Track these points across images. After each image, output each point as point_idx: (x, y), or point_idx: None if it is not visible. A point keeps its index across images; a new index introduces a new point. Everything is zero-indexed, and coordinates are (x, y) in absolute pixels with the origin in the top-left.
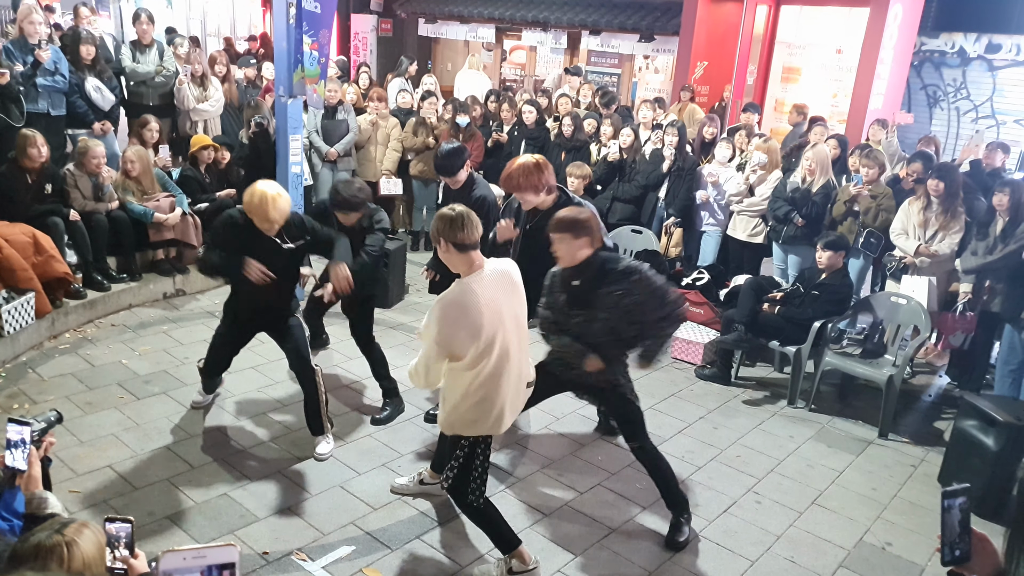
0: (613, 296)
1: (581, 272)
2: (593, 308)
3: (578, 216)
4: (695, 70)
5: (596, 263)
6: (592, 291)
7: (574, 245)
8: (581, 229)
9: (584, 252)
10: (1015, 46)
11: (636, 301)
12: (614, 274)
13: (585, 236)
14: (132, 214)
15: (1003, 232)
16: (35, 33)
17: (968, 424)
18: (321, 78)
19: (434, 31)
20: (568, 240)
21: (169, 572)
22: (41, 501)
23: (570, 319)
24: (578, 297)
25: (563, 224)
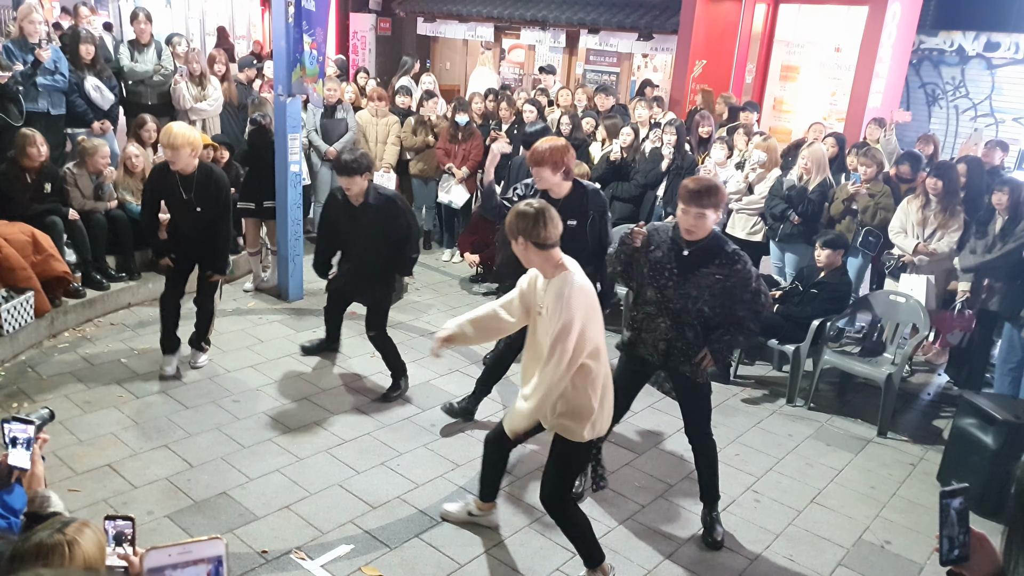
0: (711, 277)
1: (695, 243)
2: (688, 283)
3: (720, 189)
4: (694, 69)
5: (710, 238)
6: (695, 266)
7: (710, 219)
8: (721, 199)
9: (714, 224)
10: (1014, 44)
11: (729, 288)
12: (721, 254)
13: (721, 207)
14: (132, 213)
15: (1002, 231)
16: (35, 32)
17: (967, 422)
18: (319, 77)
19: (433, 30)
20: (710, 214)
21: (155, 569)
22: (44, 500)
23: (661, 281)
24: (681, 266)
25: (708, 194)
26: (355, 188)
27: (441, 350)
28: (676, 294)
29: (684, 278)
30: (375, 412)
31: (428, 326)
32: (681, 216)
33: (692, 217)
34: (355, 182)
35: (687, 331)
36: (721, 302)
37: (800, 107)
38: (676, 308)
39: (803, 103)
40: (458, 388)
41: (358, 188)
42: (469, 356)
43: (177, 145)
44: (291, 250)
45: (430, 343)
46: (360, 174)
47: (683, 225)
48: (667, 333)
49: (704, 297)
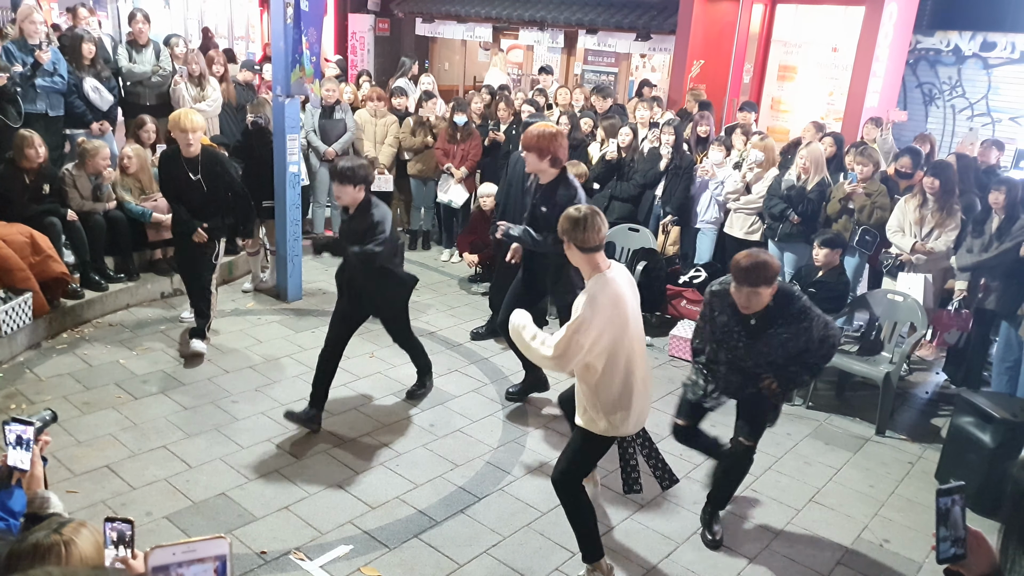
0: (780, 338)
1: (761, 316)
2: (759, 342)
3: (772, 264)
4: (692, 68)
5: (773, 300)
6: (763, 329)
7: (765, 296)
8: (773, 274)
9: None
10: (1010, 44)
11: (799, 346)
12: (787, 316)
13: (774, 281)
14: (130, 214)
15: (999, 230)
16: (35, 33)
17: (965, 421)
18: (316, 77)
19: (431, 30)
20: (763, 291)
21: (159, 568)
22: (43, 501)
23: (731, 343)
24: (748, 331)
25: (757, 271)
26: (345, 198)
27: None
28: (748, 354)
29: (754, 340)
30: (374, 413)
31: (427, 326)
32: (735, 293)
33: (744, 296)
34: (346, 191)
35: (759, 381)
36: (792, 353)
37: (798, 107)
38: (749, 366)
39: (801, 103)
40: (456, 388)
41: (349, 199)
42: (468, 357)
43: (189, 129)
44: (290, 250)
45: (431, 343)
46: (354, 184)
47: (738, 302)
48: (742, 386)
49: (777, 352)
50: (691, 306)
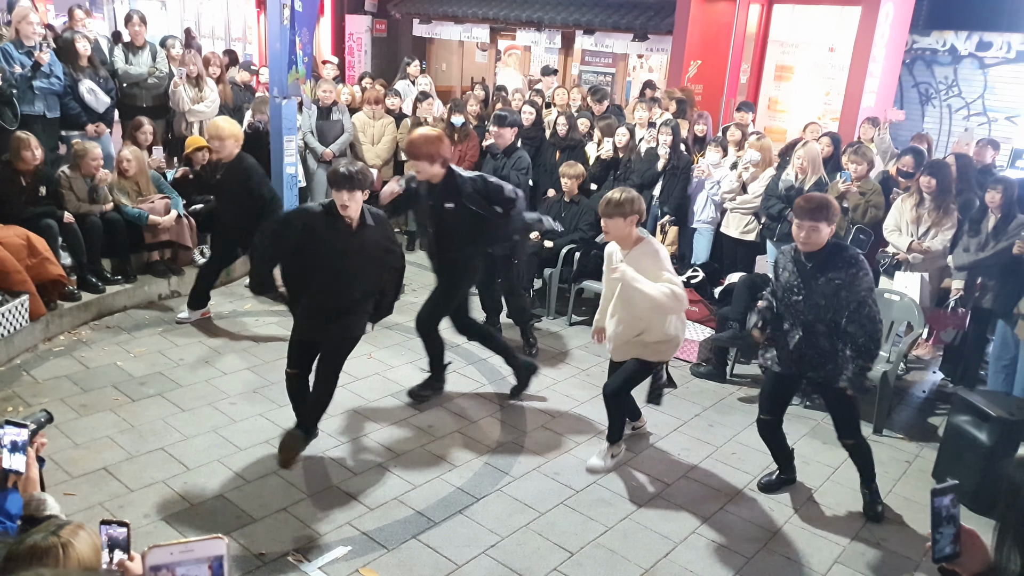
0: (833, 284)
1: (815, 255)
2: (815, 293)
3: (833, 205)
4: (689, 69)
5: (828, 247)
6: (817, 275)
7: (823, 233)
8: (834, 214)
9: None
10: (1006, 44)
11: (852, 298)
12: (839, 261)
13: (834, 221)
14: (127, 216)
15: (995, 229)
16: (32, 35)
17: (961, 420)
18: (307, 78)
19: (428, 31)
20: (823, 227)
21: (156, 567)
22: (40, 503)
23: (791, 297)
24: (804, 278)
25: (820, 209)
26: (355, 206)
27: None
28: (806, 306)
29: (810, 289)
30: (371, 414)
31: None
32: (795, 231)
33: (805, 232)
34: (355, 199)
35: (821, 340)
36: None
37: (795, 107)
38: (808, 320)
39: (798, 103)
40: (454, 388)
41: (358, 206)
42: (467, 358)
43: (224, 136)
44: None
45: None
46: (363, 189)
47: (798, 240)
48: (800, 344)
49: (833, 305)
50: (689, 306)
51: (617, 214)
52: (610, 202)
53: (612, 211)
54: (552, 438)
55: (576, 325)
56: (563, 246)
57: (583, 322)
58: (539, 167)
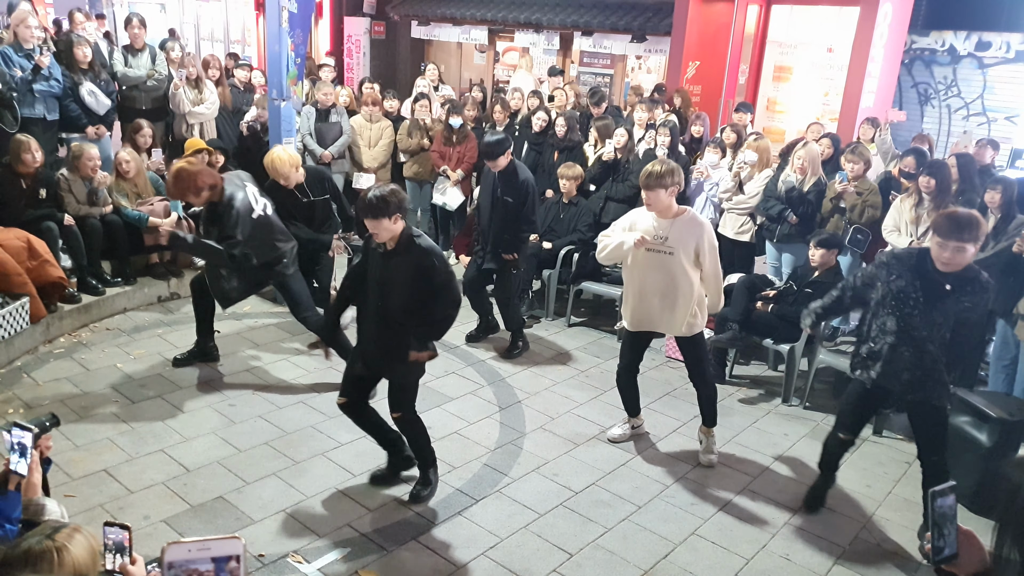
0: (960, 305)
1: (956, 278)
2: (935, 311)
3: (983, 223)
4: (687, 70)
5: (972, 271)
6: (943, 296)
7: (970, 254)
8: (981, 237)
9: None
10: (1005, 43)
11: (975, 319)
12: (974, 285)
13: (981, 240)
14: (127, 219)
15: (995, 229)
16: (30, 38)
17: (961, 420)
18: (298, 79)
19: (427, 33)
20: (970, 248)
21: (173, 563)
22: (39, 508)
23: (906, 310)
24: (928, 295)
25: (969, 228)
26: (383, 234)
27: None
28: (922, 322)
29: (932, 306)
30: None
31: None
32: (937, 250)
33: (951, 252)
34: (381, 226)
35: (926, 358)
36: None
37: (793, 107)
38: (920, 337)
39: (796, 103)
40: (453, 390)
41: (387, 233)
42: (465, 359)
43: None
44: None
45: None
46: (388, 216)
47: (940, 259)
48: (910, 362)
49: (950, 323)
50: None
51: (658, 186)
52: (651, 175)
53: (654, 183)
54: (551, 439)
55: (575, 327)
56: (562, 247)
57: (582, 323)
58: (538, 168)
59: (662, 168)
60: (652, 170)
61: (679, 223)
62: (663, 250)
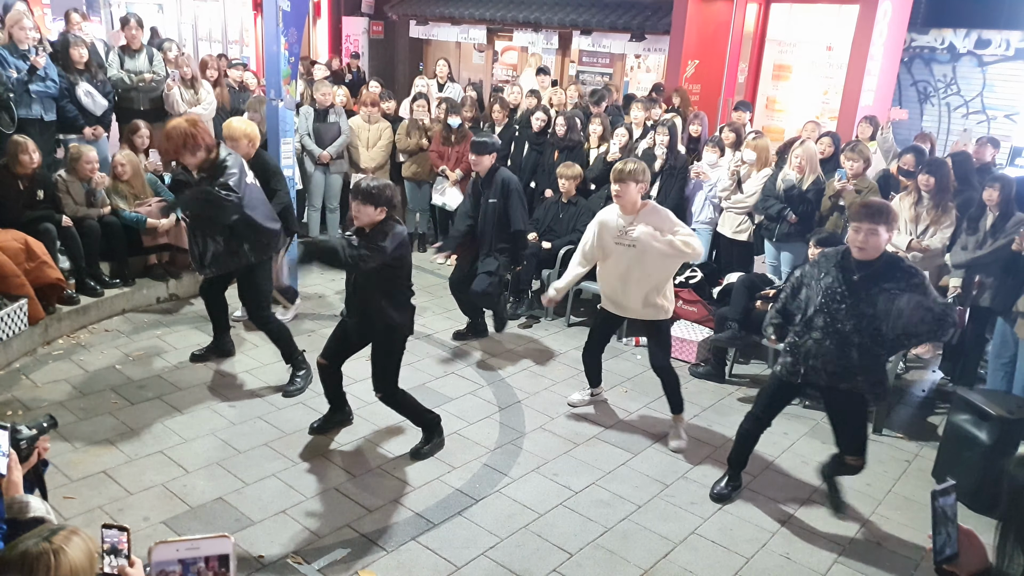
0: (888, 294)
1: (869, 265)
2: (862, 303)
3: (894, 211)
4: (686, 69)
5: (885, 257)
6: (868, 286)
7: (883, 238)
8: (893, 222)
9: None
10: (1004, 41)
11: (905, 306)
12: (898, 271)
13: (894, 227)
14: (125, 220)
15: (993, 227)
16: (25, 39)
17: (961, 418)
18: (292, 78)
19: (425, 33)
20: (882, 231)
21: (162, 563)
22: (22, 505)
23: (834, 306)
24: (851, 286)
25: (881, 215)
26: (363, 218)
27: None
28: (849, 314)
29: (857, 298)
30: (371, 416)
31: (423, 329)
32: (852, 235)
33: (863, 236)
34: (366, 212)
35: (852, 351)
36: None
37: (793, 106)
38: (847, 329)
39: (796, 102)
40: (453, 390)
41: (367, 219)
42: (464, 360)
43: (236, 136)
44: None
45: (427, 345)
46: (375, 206)
47: (855, 243)
48: (835, 354)
49: (880, 315)
50: (687, 306)
51: (631, 179)
52: (623, 170)
53: (626, 176)
54: (551, 439)
55: (574, 326)
56: (561, 247)
57: (581, 323)
58: (539, 168)
59: (633, 164)
60: (623, 166)
61: (641, 216)
62: (627, 243)
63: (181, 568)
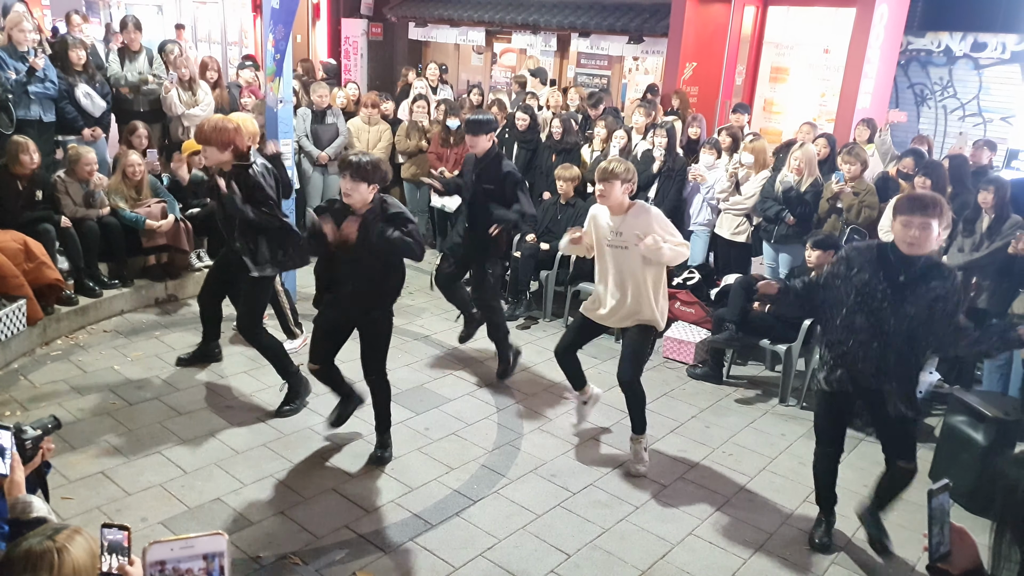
0: (933, 293)
1: (913, 264)
2: (907, 301)
3: (944, 201)
4: (684, 71)
5: (932, 259)
6: (914, 285)
7: (934, 232)
8: (945, 213)
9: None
10: (1000, 44)
11: (947, 311)
12: (942, 269)
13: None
14: (124, 221)
15: (989, 229)
16: (24, 41)
17: (957, 420)
18: (277, 75)
19: (424, 34)
20: (933, 226)
21: (156, 562)
22: (25, 506)
23: (874, 304)
24: (895, 286)
25: (935, 206)
26: (356, 196)
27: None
28: (893, 314)
29: (902, 296)
30: (369, 417)
31: (422, 330)
32: (901, 229)
33: (916, 229)
34: (358, 189)
35: (890, 355)
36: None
37: (790, 108)
38: (890, 329)
39: (793, 104)
40: (451, 392)
41: (360, 198)
42: (463, 361)
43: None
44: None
45: (425, 346)
46: (368, 182)
47: (905, 239)
48: (879, 355)
49: (923, 313)
50: (685, 308)
51: (613, 178)
52: (606, 169)
53: (608, 176)
54: (549, 440)
55: None
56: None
57: None
58: (535, 170)
59: (618, 164)
60: (608, 165)
61: (630, 216)
62: (619, 244)
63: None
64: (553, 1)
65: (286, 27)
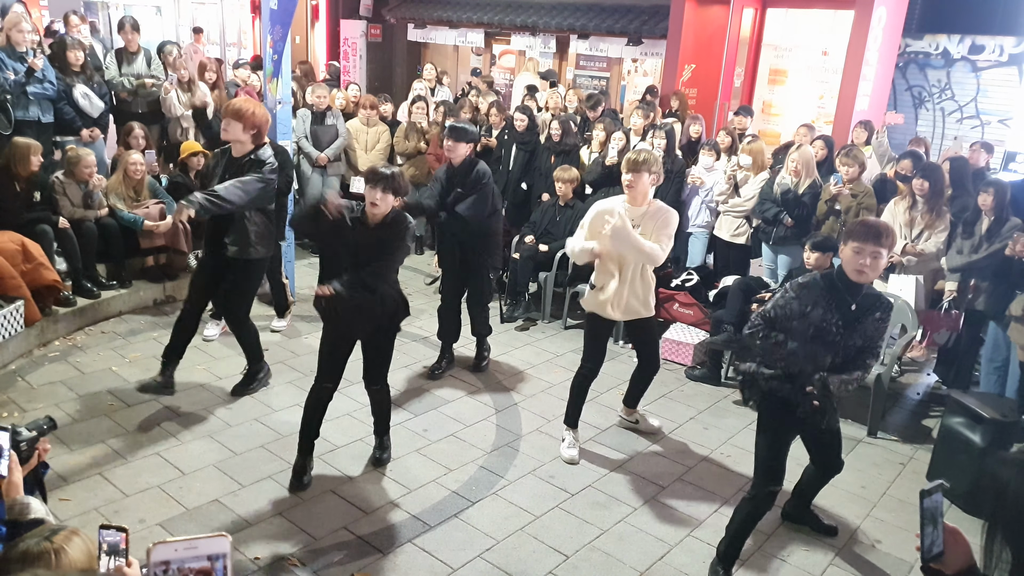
0: (876, 323)
1: (859, 291)
2: (855, 333)
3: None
4: (683, 73)
5: (874, 290)
6: (863, 315)
7: (883, 261)
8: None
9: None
10: (998, 47)
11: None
12: (882, 298)
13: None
14: (122, 222)
15: (988, 231)
16: (23, 41)
17: (955, 421)
18: (275, 76)
19: (423, 36)
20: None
21: (159, 562)
22: (23, 507)
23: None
24: (847, 317)
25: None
26: (383, 206)
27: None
28: (842, 347)
29: (851, 328)
30: (368, 418)
31: (420, 331)
32: (852, 256)
33: (868, 258)
34: (387, 200)
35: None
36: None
37: (789, 110)
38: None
39: (791, 106)
40: (450, 393)
41: (386, 208)
42: (462, 363)
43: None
44: (284, 256)
45: (424, 348)
46: (396, 194)
47: (855, 265)
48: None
49: (861, 342)
50: (683, 309)
51: (644, 169)
52: (636, 160)
53: (640, 166)
54: (547, 441)
55: (571, 329)
56: (558, 250)
57: (578, 326)
58: (534, 171)
59: (646, 154)
60: (638, 156)
61: (650, 212)
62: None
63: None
64: (552, 3)
65: (284, 28)
